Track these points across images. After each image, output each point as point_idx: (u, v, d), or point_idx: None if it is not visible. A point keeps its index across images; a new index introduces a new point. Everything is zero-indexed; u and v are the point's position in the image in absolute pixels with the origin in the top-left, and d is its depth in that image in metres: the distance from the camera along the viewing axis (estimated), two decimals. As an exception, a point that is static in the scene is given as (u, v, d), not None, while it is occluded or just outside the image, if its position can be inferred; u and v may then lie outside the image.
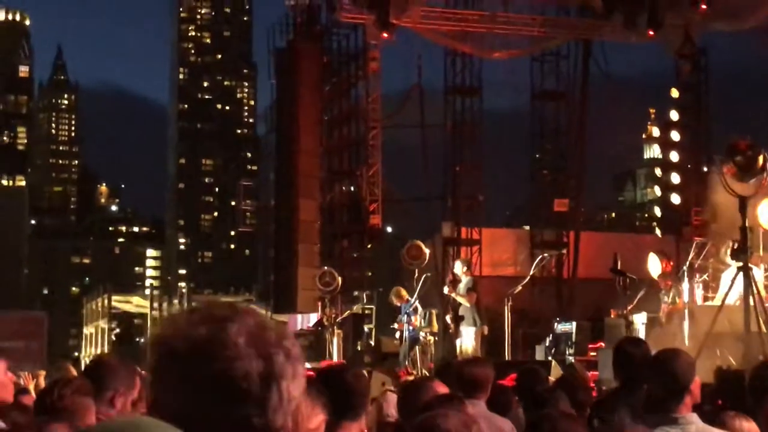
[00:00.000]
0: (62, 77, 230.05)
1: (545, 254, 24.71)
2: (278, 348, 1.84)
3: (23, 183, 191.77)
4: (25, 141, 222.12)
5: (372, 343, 25.76)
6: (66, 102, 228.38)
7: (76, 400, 4.44)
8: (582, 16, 30.21)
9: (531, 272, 21.17)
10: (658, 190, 34.72)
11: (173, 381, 1.81)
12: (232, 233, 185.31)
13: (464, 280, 18.21)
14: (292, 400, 1.84)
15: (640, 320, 17.43)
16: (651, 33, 28.66)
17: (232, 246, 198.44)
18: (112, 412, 4.72)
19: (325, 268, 29.61)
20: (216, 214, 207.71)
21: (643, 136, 76.21)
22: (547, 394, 5.38)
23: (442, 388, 5.35)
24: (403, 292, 19.23)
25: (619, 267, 16.95)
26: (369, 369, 14.75)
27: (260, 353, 1.82)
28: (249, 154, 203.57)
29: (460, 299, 17.99)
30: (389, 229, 35.54)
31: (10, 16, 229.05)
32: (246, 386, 1.79)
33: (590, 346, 19.96)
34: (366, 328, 28.96)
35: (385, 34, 28.33)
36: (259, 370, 1.80)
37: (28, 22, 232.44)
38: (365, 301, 25.34)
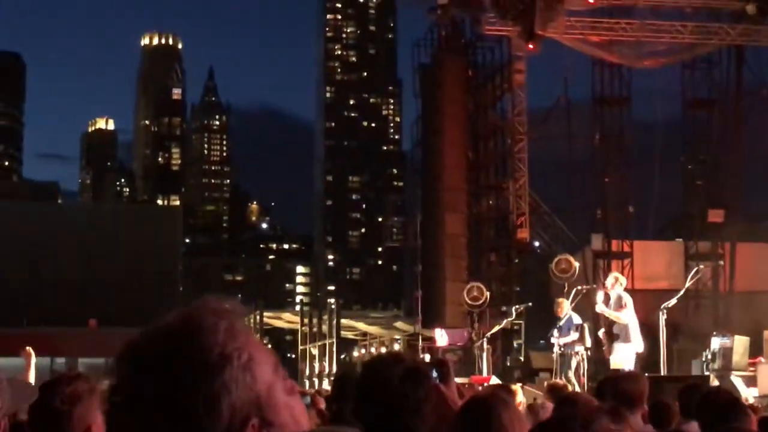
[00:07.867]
0: (213, 98, 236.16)
1: (700, 266, 23.92)
2: (223, 362, 1.58)
3: (177, 202, 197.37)
4: (179, 161, 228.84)
5: (522, 358, 25.44)
6: (217, 122, 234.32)
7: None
8: (734, 22, 29.29)
9: (686, 285, 20.51)
10: (820, 199, 33.32)
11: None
12: (380, 249, 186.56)
13: (613, 296, 17.11)
14: (250, 404, 1.59)
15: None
16: (808, 36, 27.68)
17: (380, 262, 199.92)
18: None
19: (473, 282, 29.47)
20: (363, 230, 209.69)
21: (801, 143, 73.51)
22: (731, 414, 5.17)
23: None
24: (563, 304, 18.27)
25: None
26: (520, 384, 14.45)
27: (204, 382, 1.57)
28: (395, 170, 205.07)
29: (612, 316, 16.90)
30: (537, 243, 35.12)
31: (162, 41, 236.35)
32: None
33: (749, 361, 19.26)
34: (515, 343, 28.64)
35: (531, 46, 28.03)
36: (208, 401, 1.56)
37: (180, 46, 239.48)
38: (514, 316, 24.96)
